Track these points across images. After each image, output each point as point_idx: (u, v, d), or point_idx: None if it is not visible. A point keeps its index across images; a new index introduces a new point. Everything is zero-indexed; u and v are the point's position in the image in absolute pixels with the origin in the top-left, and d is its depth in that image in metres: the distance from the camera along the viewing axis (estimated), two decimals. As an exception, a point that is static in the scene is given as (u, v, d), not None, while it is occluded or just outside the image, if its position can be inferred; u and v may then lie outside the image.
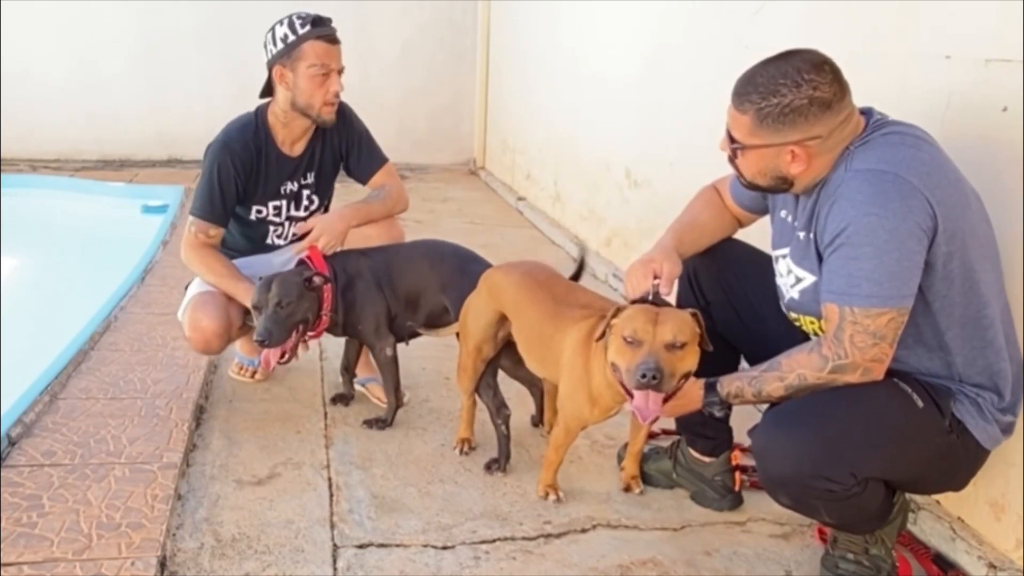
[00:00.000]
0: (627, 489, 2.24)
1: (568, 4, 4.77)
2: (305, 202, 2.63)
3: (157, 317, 3.20)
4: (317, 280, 2.36)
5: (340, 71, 2.46)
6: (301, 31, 2.38)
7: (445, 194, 6.07)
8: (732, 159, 1.77)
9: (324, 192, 2.68)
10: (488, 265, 2.45)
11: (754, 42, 2.85)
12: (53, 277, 4.23)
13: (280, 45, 2.40)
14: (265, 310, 2.27)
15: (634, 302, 1.87)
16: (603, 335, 1.85)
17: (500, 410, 2.30)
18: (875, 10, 2.25)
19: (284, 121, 2.50)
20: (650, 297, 1.86)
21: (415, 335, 2.55)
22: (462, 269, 2.45)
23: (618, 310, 1.83)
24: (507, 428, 2.30)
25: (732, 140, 1.71)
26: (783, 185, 1.72)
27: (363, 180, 2.68)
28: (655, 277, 1.89)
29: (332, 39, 2.42)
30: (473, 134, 6.98)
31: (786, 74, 1.60)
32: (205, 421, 2.52)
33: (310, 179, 2.61)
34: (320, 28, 2.40)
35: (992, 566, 1.86)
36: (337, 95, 2.45)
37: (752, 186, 1.78)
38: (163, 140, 6.54)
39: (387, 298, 2.46)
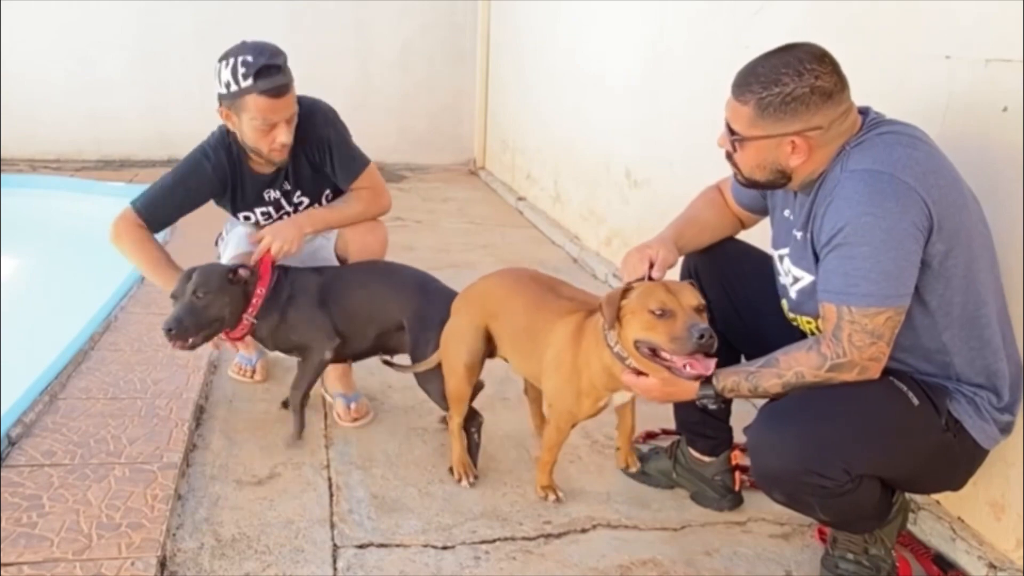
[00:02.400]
0: (625, 468, 2.25)
1: (568, 4, 4.77)
2: (296, 201, 2.56)
3: (157, 317, 3.18)
4: (242, 273, 2.28)
5: (289, 119, 2.30)
6: (243, 83, 2.21)
7: (445, 194, 6.07)
8: (730, 155, 1.76)
9: (313, 192, 2.58)
10: (446, 288, 2.41)
11: (754, 42, 2.84)
12: (53, 277, 4.23)
13: (223, 89, 2.26)
14: (181, 299, 2.21)
15: (629, 284, 1.87)
16: (611, 321, 1.83)
17: (474, 418, 2.28)
18: (875, 10, 2.25)
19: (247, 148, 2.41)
20: (645, 280, 1.86)
21: (364, 356, 2.48)
22: (423, 293, 2.37)
23: (625, 291, 1.82)
24: (479, 436, 2.29)
25: (732, 133, 1.71)
26: (781, 180, 1.72)
27: (344, 187, 2.55)
28: (650, 264, 1.89)
29: (277, 92, 2.23)
30: (473, 134, 6.98)
31: (788, 64, 1.60)
32: (205, 421, 2.52)
33: (290, 186, 2.52)
34: (264, 81, 2.20)
35: (992, 566, 1.86)
36: (284, 145, 2.33)
37: (750, 182, 1.77)
38: (163, 140, 6.54)
39: (332, 316, 2.36)
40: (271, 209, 2.55)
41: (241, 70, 2.21)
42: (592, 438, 2.53)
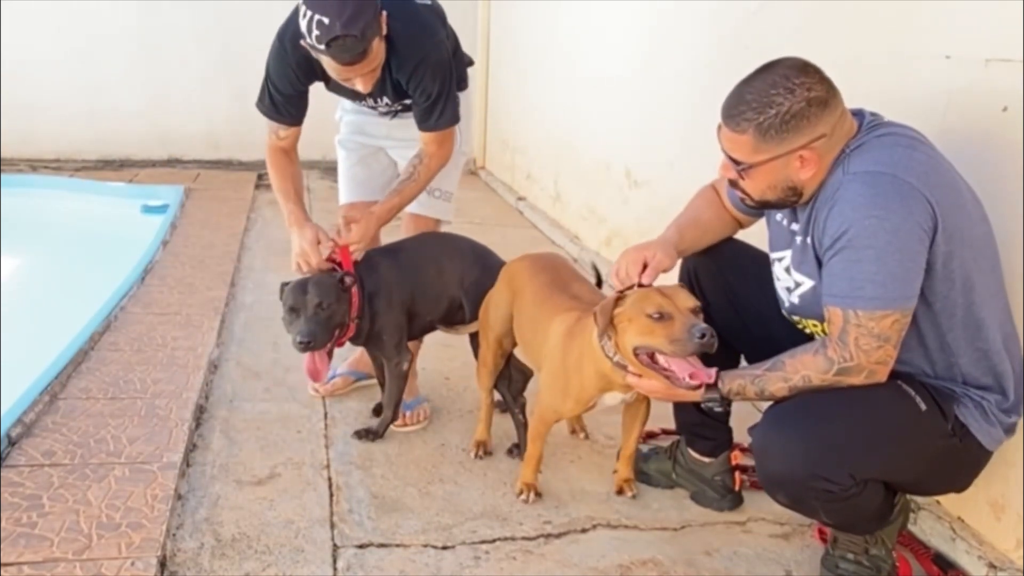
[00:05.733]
0: (620, 492, 2.24)
1: (567, 4, 4.77)
2: (385, 108, 2.52)
3: (157, 317, 3.20)
4: (348, 281, 2.30)
5: (369, 72, 2.19)
6: (317, 44, 2.08)
7: (445, 194, 6.06)
8: (735, 182, 1.73)
9: (401, 98, 2.45)
10: (501, 260, 2.45)
11: (754, 42, 2.85)
12: (53, 277, 4.23)
13: (302, 31, 2.10)
14: (304, 312, 2.20)
15: (621, 292, 1.86)
16: (604, 330, 1.83)
17: (516, 398, 2.36)
18: (875, 10, 2.25)
19: None
20: (636, 288, 1.85)
21: (430, 330, 2.53)
22: (482, 265, 2.43)
23: (618, 300, 1.81)
24: (524, 416, 2.34)
25: (736, 163, 1.68)
26: (792, 196, 1.69)
27: (420, 129, 2.44)
28: (644, 265, 1.88)
29: (351, 61, 2.10)
30: (473, 134, 6.96)
31: (775, 84, 1.58)
32: (205, 421, 2.52)
33: (383, 101, 2.47)
34: (336, 50, 2.06)
35: (992, 566, 1.86)
36: (363, 91, 2.26)
37: (762, 204, 1.75)
38: (163, 140, 6.55)
39: (411, 302, 2.40)
40: (363, 106, 2.55)
41: (315, 32, 2.05)
42: (592, 438, 2.53)
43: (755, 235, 2.07)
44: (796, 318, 1.82)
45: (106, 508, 1.95)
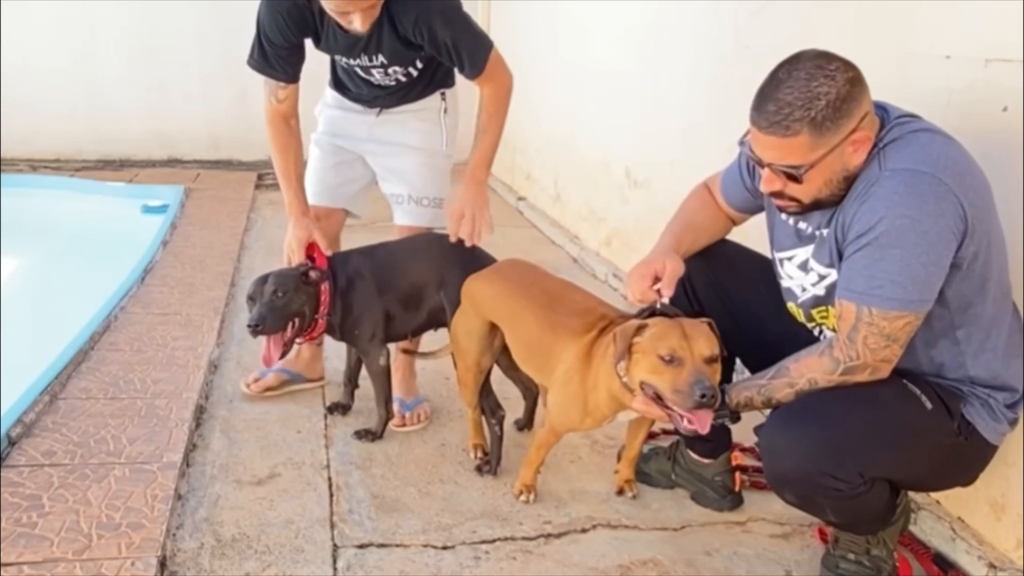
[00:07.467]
0: (620, 492, 2.23)
1: (568, 4, 4.77)
2: (380, 74, 2.42)
3: (157, 317, 3.20)
4: (314, 275, 2.32)
5: (368, 7, 2.11)
6: None
7: (445, 194, 6.05)
8: (781, 193, 1.66)
9: (402, 62, 2.39)
10: (490, 258, 2.42)
11: (754, 42, 2.85)
12: (53, 277, 4.23)
13: None
14: (260, 299, 2.25)
15: (641, 313, 1.84)
16: (621, 356, 1.78)
17: (495, 411, 2.30)
18: (875, 10, 2.25)
19: None
20: (658, 307, 1.82)
21: (404, 337, 2.52)
22: (463, 267, 2.38)
23: (639, 328, 1.76)
24: (500, 430, 2.30)
25: (793, 168, 1.59)
26: (843, 190, 1.62)
27: (469, 79, 2.48)
28: (656, 278, 1.85)
29: None
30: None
31: (812, 76, 1.53)
32: (205, 421, 2.52)
33: (378, 60, 2.36)
34: None
35: (992, 566, 1.86)
36: (359, 30, 2.17)
37: (814, 204, 1.67)
38: (163, 140, 6.54)
39: (387, 301, 2.40)
40: (359, 70, 2.45)
41: None
42: (592, 438, 2.53)
43: (754, 236, 2.07)
44: (820, 308, 1.78)
45: (106, 508, 1.95)
